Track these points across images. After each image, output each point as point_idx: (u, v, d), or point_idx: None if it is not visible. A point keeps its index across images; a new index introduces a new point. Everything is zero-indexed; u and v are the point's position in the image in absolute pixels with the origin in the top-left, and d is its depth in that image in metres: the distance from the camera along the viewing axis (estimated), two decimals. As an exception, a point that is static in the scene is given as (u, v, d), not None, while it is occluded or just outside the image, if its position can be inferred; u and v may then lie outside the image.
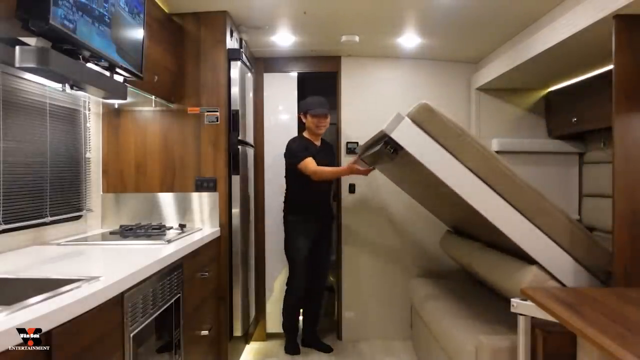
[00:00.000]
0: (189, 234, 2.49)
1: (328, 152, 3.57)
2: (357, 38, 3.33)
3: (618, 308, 1.63)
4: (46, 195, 2.20)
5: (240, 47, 3.17)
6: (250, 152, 3.49)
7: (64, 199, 2.37)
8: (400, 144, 2.19)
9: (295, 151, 3.35)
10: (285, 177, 3.50)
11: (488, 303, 2.77)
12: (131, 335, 1.54)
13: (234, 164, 2.94)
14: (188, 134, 2.85)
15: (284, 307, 3.54)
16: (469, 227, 2.95)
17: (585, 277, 2.13)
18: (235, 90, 2.94)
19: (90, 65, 1.82)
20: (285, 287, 3.55)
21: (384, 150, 2.29)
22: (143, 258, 1.79)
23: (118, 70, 1.99)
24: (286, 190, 3.51)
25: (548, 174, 3.45)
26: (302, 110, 3.46)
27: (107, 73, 1.95)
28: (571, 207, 3.35)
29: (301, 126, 3.62)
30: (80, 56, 1.72)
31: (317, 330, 3.64)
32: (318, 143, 3.48)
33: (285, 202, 3.51)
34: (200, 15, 2.84)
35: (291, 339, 3.51)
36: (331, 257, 3.68)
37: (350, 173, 3.25)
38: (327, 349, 3.53)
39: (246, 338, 3.33)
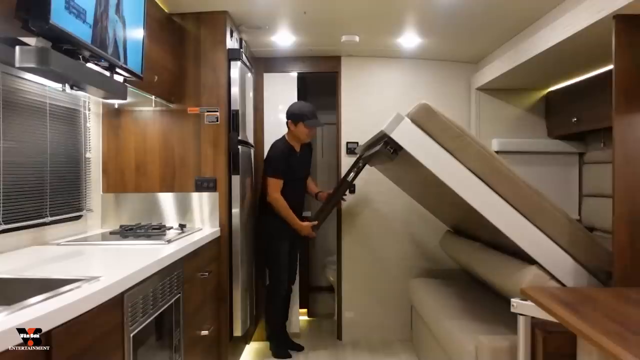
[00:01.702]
0: (189, 234, 2.49)
1: (308, 154, 3.50)
2: (357, 38, 3.33)
3: (618, 308, 1.63)
4: (46, 195, 2.20)
5: (240, 47, 3.17)
6: (250, 152, 3.49)
7: (64, 199, 2.37)
8: (400, 144, 2.19)
9: (273, 163, 3.27)
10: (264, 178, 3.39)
11: (488, 303, 2.78)
12: (131, 335, 1.54)
13: (234, 164, 2.94)
14: (188, 134, 2.85)
15: (270, 314, 3.42)
16: (469, 227, 2.95)
17: (585, 277, 2.13)
18: (235, 90, 2.94)
19: (90, 65, 1.82)
20: (266, 295, 3.44)
21: (384, 150, 2.29)
22: (143, 258, 1.79)
23: (118, 70, 1.99)
24: (266, 192, 3.35)
25: (548, 174, 3.45)
26: (295, 118, 3.28)
27: (107, 73, 1.95)
28: (571, 207, 3.34)
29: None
30: (80, 56, 1.72)
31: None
32: (298, 149, 3.38)
33: (264, 204, 3.36)
34: (200, 15, 2.84)
35: (281, 344, 3.43)
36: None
37: (298, 230, 3.26)
38: (299, 348, 3.52)
39: (246, 338, 3.33)
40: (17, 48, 1.47)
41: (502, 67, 3.14)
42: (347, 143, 3.81)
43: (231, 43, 2.95)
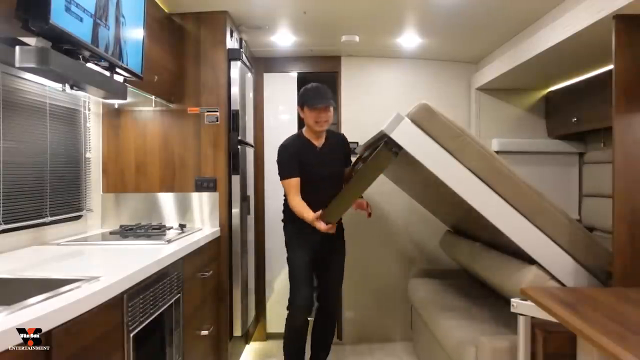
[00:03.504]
0: (189, 234, 2.49)
1: (336, 149, 2.85)
2: (357, 38, 3.33)
3: (618, 308, 1.63)
4: (46, 195, 2.20)
5: (240, 47, 3.17)
6: (250, 152, 3.49)
7: (64, 199, 2.37)
8: (400, 144, 2.19)
9: (281, 163, 2.74)
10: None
11: (488, 303, 2.77)
12: (131, 335, 1.54)
13: (234, 164, 2.94)
14: (188, 134, 2.85)
15: (285, 333, 2.89)
16: (469, 227, 2.95)
17: (585, 277, 2.13)
18: (235, 90, 2.94)
19: (90, 65, 1.82)
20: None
21: (384, 150, 2.29)
22: (143, 258, 1.79)
23: (118, 70, 1.99)
24: (284, 195, 2.89)
25: (548, 174, 3.45)
26: (299, 102, 2.79)
27: (107, 73, 1.95)
28: (571, 207, 3.34)
29: (302, 124, 3.50)
30: (80, 56, 1.72)
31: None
32: (319, 142, 2.79)
33: (283, 210, 2.94)
34: (200, 15, 2.84)
35: None
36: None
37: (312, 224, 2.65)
38: None
39: (246, 338, 3.33)
40: (17, 48, 1.47)
41: (502, 67, 3.14)
42: (347, 143, 3.80)
43: (231, 43, 2.95)
